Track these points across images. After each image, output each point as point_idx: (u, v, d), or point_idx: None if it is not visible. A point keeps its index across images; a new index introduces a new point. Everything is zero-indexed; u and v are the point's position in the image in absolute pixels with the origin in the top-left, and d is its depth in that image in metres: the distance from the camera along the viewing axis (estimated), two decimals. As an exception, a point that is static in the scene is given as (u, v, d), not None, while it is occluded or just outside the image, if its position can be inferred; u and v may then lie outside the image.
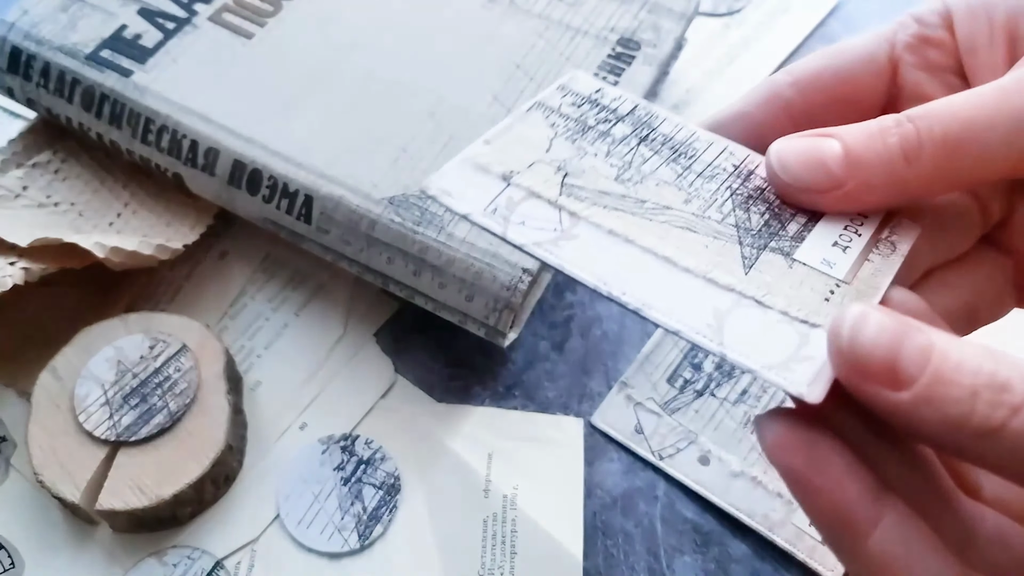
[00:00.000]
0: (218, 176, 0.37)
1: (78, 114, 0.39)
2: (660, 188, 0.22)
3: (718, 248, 0.21)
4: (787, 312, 0.20)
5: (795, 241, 0.21)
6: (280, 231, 0.37)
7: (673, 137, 0.23)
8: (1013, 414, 0.15)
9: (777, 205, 0.22)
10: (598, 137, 0.23)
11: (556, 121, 0.23)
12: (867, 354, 0.17)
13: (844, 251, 0.21)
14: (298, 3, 0.41)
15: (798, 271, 0.21)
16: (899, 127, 0.20)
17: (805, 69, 0.24)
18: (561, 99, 0.24)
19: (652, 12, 0.43)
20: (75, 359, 0.34)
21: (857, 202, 0.21)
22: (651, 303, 0.19)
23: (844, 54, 0.24)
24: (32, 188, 0.39)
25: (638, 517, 0.34)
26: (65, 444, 0.32)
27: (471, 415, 0.37)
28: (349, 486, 0.34)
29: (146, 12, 0.40)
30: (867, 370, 0.17)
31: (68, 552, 0.33)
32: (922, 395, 0.16)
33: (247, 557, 0.33)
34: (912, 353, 0.16)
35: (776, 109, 0.23)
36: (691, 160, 0.23)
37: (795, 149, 0.21)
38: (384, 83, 0.39)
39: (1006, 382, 0.15)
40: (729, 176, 0.23)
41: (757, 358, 0.19)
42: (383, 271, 0.36)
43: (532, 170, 0.22)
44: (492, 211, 0.21)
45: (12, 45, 0.39)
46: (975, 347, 0.16)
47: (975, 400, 0.15)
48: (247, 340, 0.38)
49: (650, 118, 0.24)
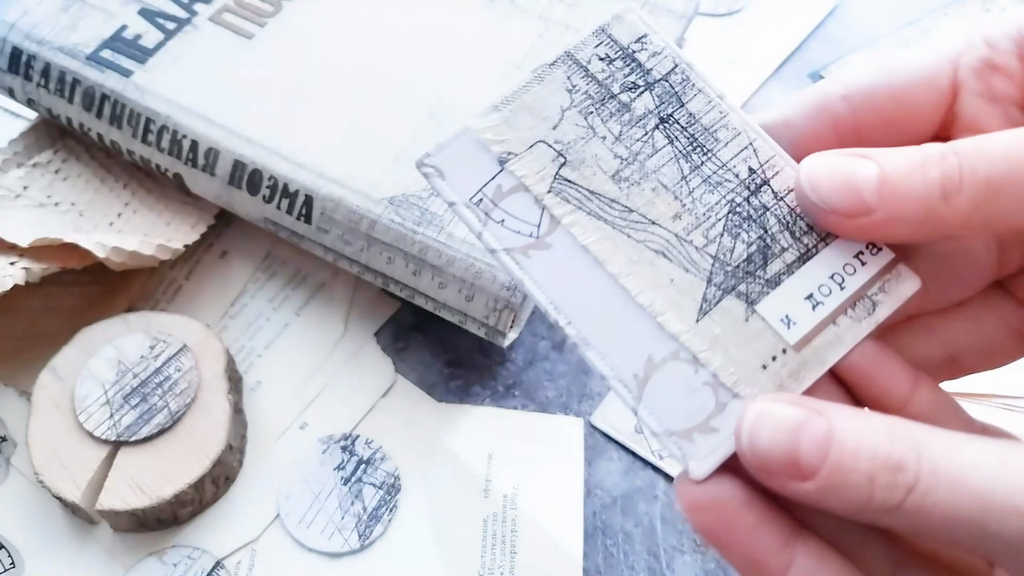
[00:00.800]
0: (218, 176, 0.37)
1: (78, 114, 0.39)
2: (655, 194, 0.21)
3: (683, 284, 0.20)
4: (717, 375, 0.20)
5: (768, 286, 0.21)
6: (280, 231, 0.37)
7: (699, 120, 0.22)
8: (908, 493, 0.16)
9: (771, 235, 0.21)
10: (615, 112, 0.22)
11: (577, 84, 0.22)
12: (767, 454, 0.18)
13: (814, 308, 0.21)
14: (298, 3, 0.41)
15: (752, 326, 0.20)
16: (943, 160, 0.19)
17: (859, 83, 0.22)
18: (594, 51, 0.22)
19: (652, 12, 0.43)
20: (75, 359, 0.34)
21: (881, 233, 0.20)
22: (591, 340, 0.20)
23: (903, 72, 0.22)
24: (33, 188, 0.39)
25: (638, 517, 0.34)
26: (65, 444, 0.32)
27: (471, 415, 0.37)
28: (349, 486, 0.34)
29: (146, 12, 0.40)
30: (769, 468, 0.18)
31: (68, 552, 0.33)
32: (823, 485, 0.17)
33: (247, 557, 0.33)
34: (811, 447, 0.17)
35: (823, 122, 0.22)
36: (705, 157, 0.22)
37: (828, 167, 0.20)
38: (384, 83, 0.39)
39: (900, 463, 0.16)
40: (737, 186, 0.22)
41: (665, 420, 0.19)
42: (383, 271, 0.36)
43: (531, 153, 0.21)
44: (477, 202, 0.21)
45: (13, 45, 0.39)
46: (876, 424, 0.17)
47: (872, 485, 0.16)
48: (247, 340, 0.38)
49: (684, 88, 0.22)
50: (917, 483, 0.16)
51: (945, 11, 0.52)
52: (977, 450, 0.17)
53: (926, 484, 0.16)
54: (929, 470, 0.16)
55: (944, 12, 0.52)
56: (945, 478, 0.16)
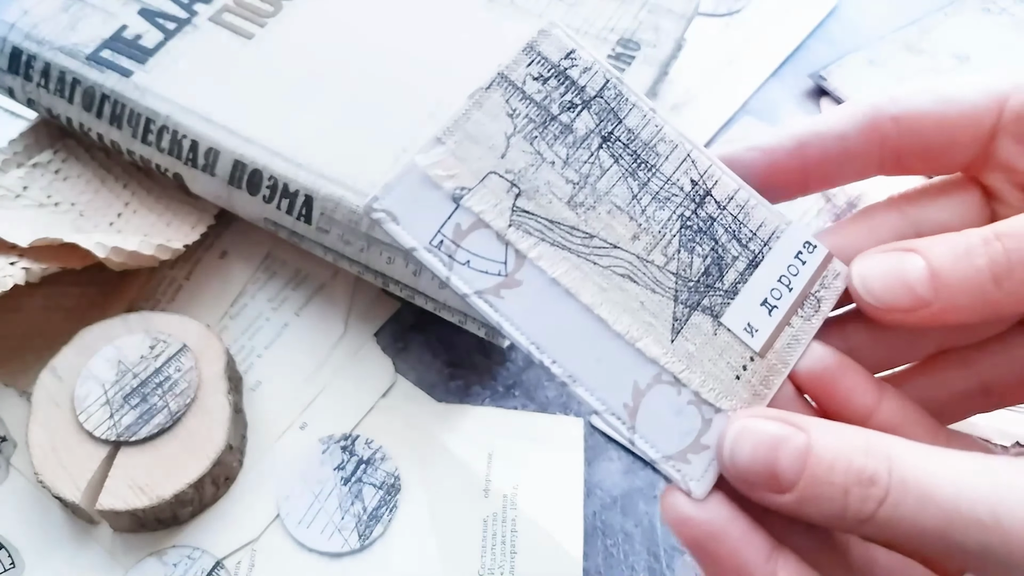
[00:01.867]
0: (218, 176, 0.37)
1: (78, 114, 0.39)
2: (612, 217, 0.21)
3: (653, 305, 0.21)
4: (699, 392, 0.20)
5: (727, 297, 0.21)
6: (280, 231, 0.37)
7: (638, 135, 0.22)
8: (879, 505, 0.17)
9: (721, 245, 0.21)
10: (559, 134, 0.21)
11: (517, 108, 0.21)
12: (747, 469, 0.19)
13: (770, 313, 0.21)
14: (298, 3, 0.41)
15: (721, 338, 0.21)
16: (987, 246, 0.19)
17: (910, 108, 0.22)
18: (526, 70, 0.21)
19: (652, 12, 0.43)
20: (75, 359, 0.34)
21: (940, 321, 0.20)
22: (578, 376, 0.20)
23: (952, 105, 0.22)
24: (33, 188, 0.39)
25: (638, 517, 0.34)
26: (65, 444, 0.32)
27: (471, 415, 0.37)
28: (349, 486, 0.34)
29: (146, 12, 0.40)
30: (749, 482, 0.19)
31: (68, 552, 0.33)
32: (801, 497, 0.18)
33: (247, 557, 0.33)
34: (788, 461, 0.18)
35: (873, 140, 0.22)
36: (650, 173, 0.22)
37: (878, 270, 0.20)
38: (384, 83, 0.39)
39: (873, 476, 0.17)
40: (684, 199, 0.22)
41: (660, 446, 0.20)
42: (383, 271, 0.36)
43: (484, 185, 0.20)
44: (438, 244, 0.20)
45: (12, 45, 0.39)
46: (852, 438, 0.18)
47: (847, 497, 0.17)
48: (247, 340, 0.38)
49: (619, 103, 0.22)
50: (888, 496, 0.17)
51: (945, 11, 0.52)
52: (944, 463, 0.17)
53: (895, 497, 0.17)
54: (899, 483, 0.17)
55: (944, 12, 0.52)
56: (913, 491, 0.17)
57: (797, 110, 0.48)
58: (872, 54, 0.50)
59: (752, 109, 0.48)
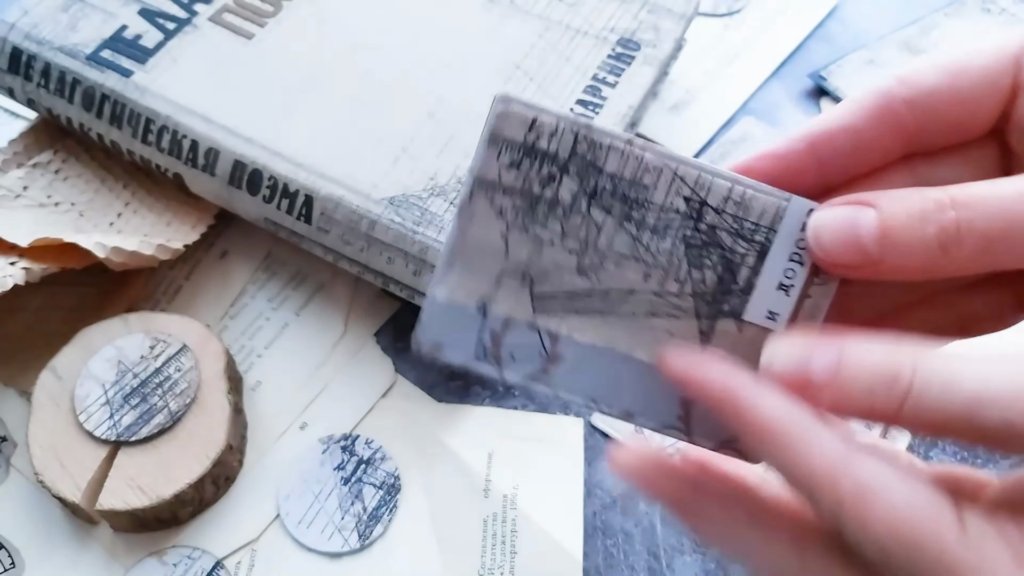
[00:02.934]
0: (218, 176, 0.37)
1: (79, 114, 0.39)
2: (620, 267, 0.22)
3: (680, 330, 0.22)
4: None
5: (744, 294, 0.22)
6: (280, 231, 0.37)
7: (622, 176, 0.22)
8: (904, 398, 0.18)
9: (728, 248, 0.22)
10: (548, 211, 0.22)
11: (502, 205, 0.22)
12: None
13: (787, 293, 0.22)
14: (298, 3, 0.41)
15: (747, 333, 0.22)
16: (940, 213, 0.19)
17: (920, 86, 0.22)
18: (498, 163, 0.21)
19: (652, 12, 0.43)
20: (75, 359, 0.34)
21: (887, 277, 0.21)
22: (634, 412, 0.22)
23: (965, 76, 0.22)
24: (33, 188, 0.39)
25: (638, 517, 0.34)
26: (65, 444, 0.32)
27: (471, 415, 0.37)
28: (349, 486, 0.34)
29: (146, 12, 0.40)
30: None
31: (68, 552, 0.33)
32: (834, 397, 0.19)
33: (247, 557, 0.33)
34: (821, 368, 0.19)
35: (887, 125, 0.22)
36: (644, 210, 0.22)
37: (832, 223, 0.21)
38: (384, 83, 0.39)
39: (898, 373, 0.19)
40: (682, 221, 0.22)
41: (713, 436, 0.22)
42: (383, 271, 0.36)
43: (501, 289, 0.22)
44: (483, 354, 0.22)
45: (13, 45, 0.39)
46: (878, 345, 0.19)
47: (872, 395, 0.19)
48: (247, 340, 0.38)
49: (594, 153, 0.22)
50: (911, 390, 0.18)
51: (945, 11, 0.52)
52: (967, 360, 0.18)
53: (919, 389, 0.18)
54: (922, 379, 0.18)
55: (944, 12, 0.52)
56: (936, 383, 0.18)
57: (797, 110, 0.48)
58: (872, 54, 0.50)
59: (752, 109, 0.48)
